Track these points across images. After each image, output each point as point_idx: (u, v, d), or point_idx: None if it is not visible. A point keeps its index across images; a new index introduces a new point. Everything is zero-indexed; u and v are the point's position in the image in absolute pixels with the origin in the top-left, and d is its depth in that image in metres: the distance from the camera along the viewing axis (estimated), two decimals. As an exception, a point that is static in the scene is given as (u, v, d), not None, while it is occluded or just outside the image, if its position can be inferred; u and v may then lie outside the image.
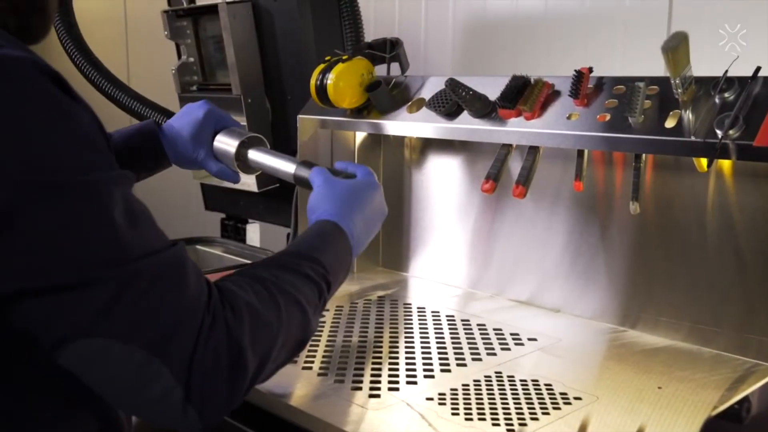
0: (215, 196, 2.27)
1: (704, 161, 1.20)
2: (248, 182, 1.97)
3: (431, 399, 1.11)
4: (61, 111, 0.73)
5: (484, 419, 1.04)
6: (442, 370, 1.22)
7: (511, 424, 1.03)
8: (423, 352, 1.30)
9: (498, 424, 1.03)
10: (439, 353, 1.30)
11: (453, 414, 1.06)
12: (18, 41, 0.79)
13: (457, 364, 1.25)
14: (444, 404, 1.10)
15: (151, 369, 0.71)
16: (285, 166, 1.26)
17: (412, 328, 1.42)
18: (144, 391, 0.72)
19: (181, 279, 0.75)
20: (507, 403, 1.09)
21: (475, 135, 1.43)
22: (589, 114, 1.28)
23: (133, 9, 3.45)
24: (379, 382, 1.17)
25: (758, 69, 1.14)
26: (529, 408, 1.08)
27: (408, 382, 1.17)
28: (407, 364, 1.25)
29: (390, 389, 1.15)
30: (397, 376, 1.20)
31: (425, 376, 1.20)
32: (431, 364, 1.25)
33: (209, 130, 1.33)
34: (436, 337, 1.37)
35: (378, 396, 1.12)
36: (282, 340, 0.84)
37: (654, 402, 1.11)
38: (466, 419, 1.05)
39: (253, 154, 1.31)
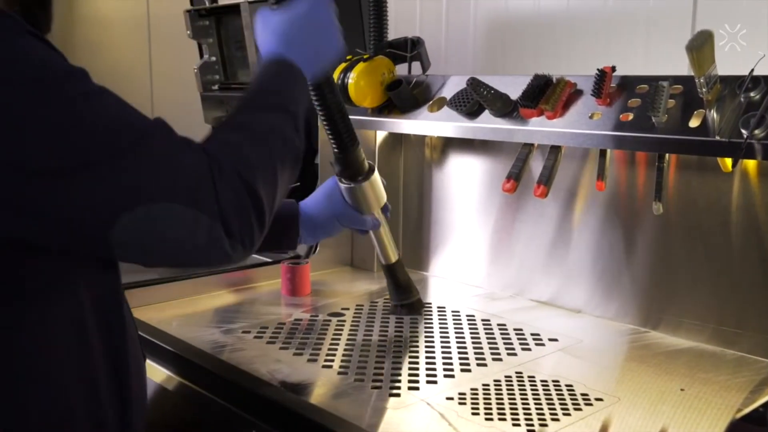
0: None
1: (729, 161, 1.19)
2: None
3: (451, 398, 1.11)
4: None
5: (504, 419, 1.04)
6: (462, 370, 1.22)
7: (532, 425, 1.03)
8: (443, 352, 1.30)
9: (518, 425, 1.02)
10: (459, 353, 1.29)
11: (473, 414, 1.06)
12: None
13: (478, 364, 1.25)
14: (464, 404, 1.09)
15: (192, 218, 0.79)
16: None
17: (432, 327, 1.42)
18: (192, 240, 0.80)
19: (179, 138, 0.83)
20: (527, 404, 1.09)
21: (496, 134, 1.43)
22: (612, 113, 1.27)
23: (156, 8, 3.48)
24: (399, 381, 1.17)
25: (785, 68, 1.12)
26: (549, 408, 1.07)
27: (428, 382, 1.17)
28: (427, 363, 1.25)
29: (410, 388, 1.15)
30: (417, 375, 1.20)
31: (445, 376, 1.20)
32: (451, 364, 1.24)
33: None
34: (456, 337, 1.37)
35: (398, 395, 1.12)
36: (279, 161, 0.91)
37: (676, 404, 1.10)
38: (486, 419, 1.04)
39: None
